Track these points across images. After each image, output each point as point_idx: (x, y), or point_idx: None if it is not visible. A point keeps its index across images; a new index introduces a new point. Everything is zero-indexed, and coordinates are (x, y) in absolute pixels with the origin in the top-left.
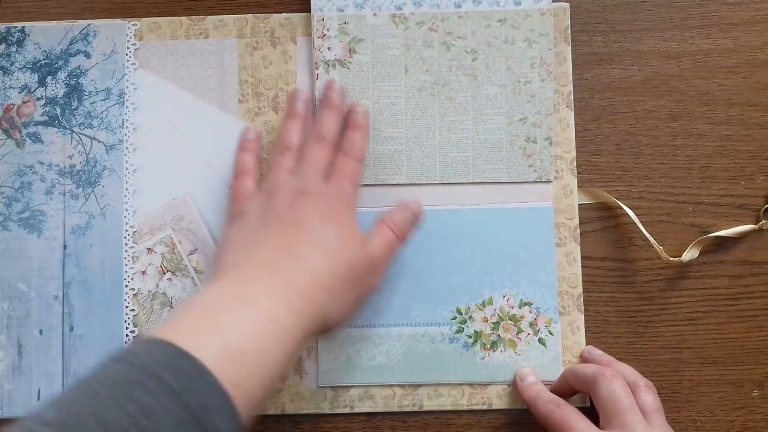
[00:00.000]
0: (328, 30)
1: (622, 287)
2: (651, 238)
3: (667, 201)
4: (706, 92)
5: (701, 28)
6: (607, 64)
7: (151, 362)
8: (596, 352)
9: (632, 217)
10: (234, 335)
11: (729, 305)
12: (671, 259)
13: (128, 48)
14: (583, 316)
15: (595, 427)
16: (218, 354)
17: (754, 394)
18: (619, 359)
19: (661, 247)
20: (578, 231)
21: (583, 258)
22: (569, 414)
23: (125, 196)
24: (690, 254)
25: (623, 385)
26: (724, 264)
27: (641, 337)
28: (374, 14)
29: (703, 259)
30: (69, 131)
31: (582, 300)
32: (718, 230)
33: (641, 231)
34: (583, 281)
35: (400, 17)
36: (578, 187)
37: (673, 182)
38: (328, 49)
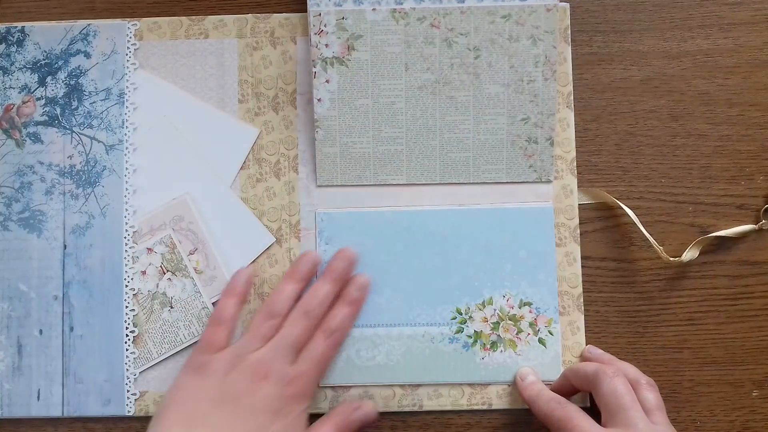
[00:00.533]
0: (325, 26)
1: (622, 287)
2: (651, 238)
3: (667, 201)
4: (706, 92)
5: (701, 28)
6: (607, 64)
7: None
8: (597, 351)
9: (632, 217)
10: None
11: (729, 305)
12: (671, 259)
13: (128, 48)
14: (583, 316)
15: (598, 424)
16: None
17: (754, 394)
18: (620, 359)
19: (661, 247)
20: (578, 231)
21: (583, 258)
22: (571, 411)
23: (125, 196)
24: (690, 254)
25: (625, 382)
26: (724, 264)
27: (641, 337)
28: (373, 9)
29: (703, 259)
30: (69, 131)
31: (582, 300)
32: (718, 230)
33: (641, 231)
34: (583, 281)
35: (400, 12)
36: (578, 187)
37: (673, 182)
38: (326, 46)
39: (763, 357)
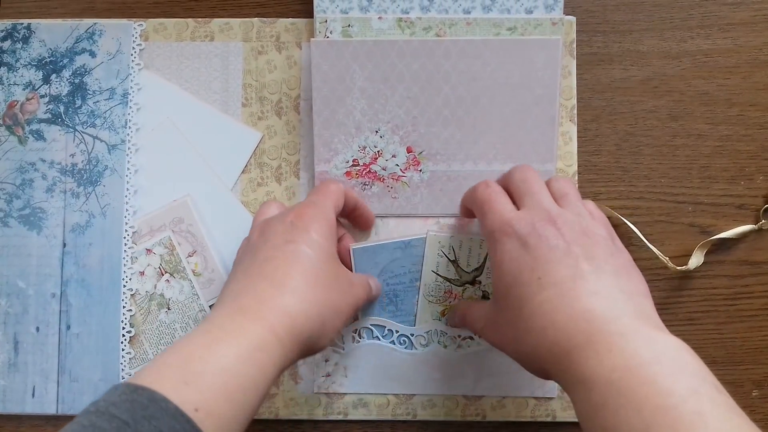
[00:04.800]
0: (331, 33)
1: None
2: (656, 251)
3: (667, 201)
4: (706, 92)
5: (701, 28)
6: (607, 64)
7: (103, 404)
8: None
9: (635, 231)
10: (195, 361)
11: (729, 305)
12: (678, 268)
13: (133, 48)
14: None
15: (513, 206)
16: (177, 381)
17: (754, 394)
18: None
19: (667, 258)
20: None
21: None
22: (493, 192)
23: (126, 196)
24: (695, 260)
25: (533, 174)
26: (724, 264)
27: None
28: (379, 17)
29: (703, 260)
30: (72, 130)
31: None
32: (717, 230)
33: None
34: None
35: (406, 21)
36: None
37: (673, 182)
38: None
39: (763, 357)
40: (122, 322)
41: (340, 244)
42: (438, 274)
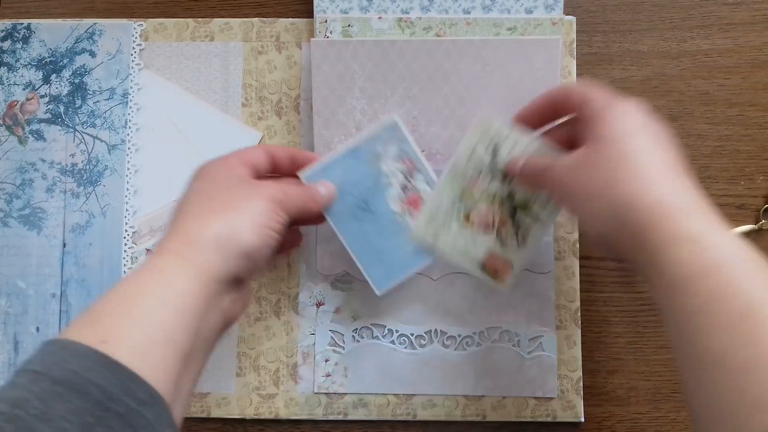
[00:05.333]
0: (331, 32)
1: (622, 287)
2: None
3: None
4: (706, 92)
5: (701, 28)
6: (607, 64)
7: (22, 363)
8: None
9: None
10: (98, 302)
11: None
12: None
13: (133, 48)
14: (579, 330)
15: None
16: (83, 324)
17: None
18: (620, 359)
19: None
20: (578, 245)
21: (583, 258)
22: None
23: (126, 196)
24: None
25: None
26: None
27: (641, 337)
28: (379, 17)
29: None
30: (72, 130)
31: (579, 314)
32: None
33: None
34: (582, 281)
35: (406, 21)
36: None
37: None
38: None
39: None
40: None
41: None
42: (472, 157)
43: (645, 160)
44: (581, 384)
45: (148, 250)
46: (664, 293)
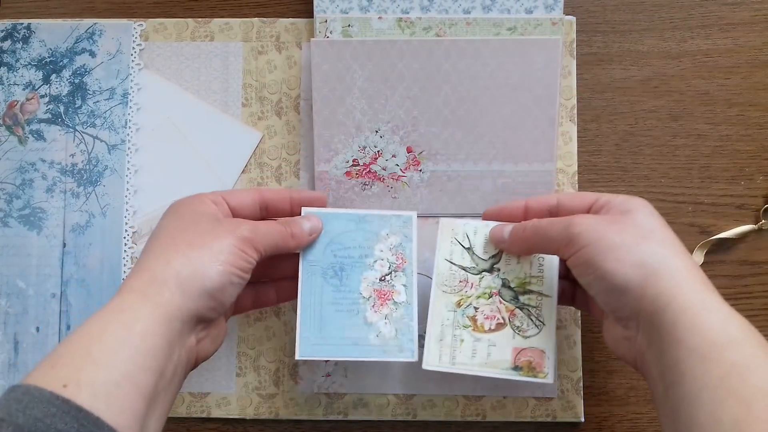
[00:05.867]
0: (331, 32)
1: None
2: None
3: (667, 201)
4: (706, 92)
5: (701, 28)
6: (607, 64)
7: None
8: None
9: None
10: (61, 345)
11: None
12: None
13: (133, 48)
14: (579, 330)
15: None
16: (46, 368)
17: None
18: (619, 360)
19: None
20: None
21: None
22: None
23: (126, 196)
24: (696, 260)
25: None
26: (724, 264)
27: None
28: (379, 17)
29: (703, 259)
30: (72, 130)
31: (579, 314)
32: (717, 230)
33: None
34: None
35: (406, 21)
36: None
37: (673, 182)
38: None
39: None
40: None
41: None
42: (452, 263)
43: (669, 239)
44: (581, 384)
45: None
46: (681, 358)
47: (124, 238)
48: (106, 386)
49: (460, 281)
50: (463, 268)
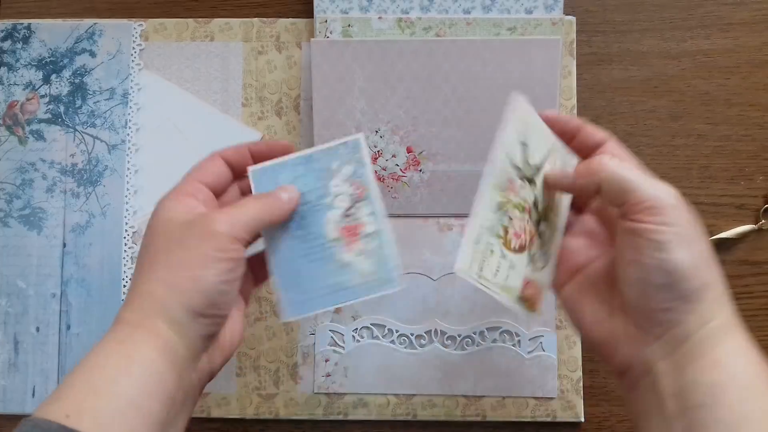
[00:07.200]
0: (331, 33)
1: None
2: None
3: None
4: (706, 92)
5: (701, 28)
6: (607, 64)
7: None
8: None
9: None
10: (67, 377)
11: None
12: None
13: (134, 48)
14: None
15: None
16: (51, 400)
17: None
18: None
19: None
20: None
21: None
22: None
23: (126, 196)
24: None
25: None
26: (724, 264)
27: None
28: (379, 17)
29: None
30: (72, 130)
31: None
32: (717, 230)
33: None
34: None
35: (406, 21)
36: None
37: (673, 182)
38: None
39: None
40: None
41: None
42: (508, 155)
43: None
44: (581, 384)
45: None
46: (721, 382)
47: (124, 238)
48: (108, 414)
49: (509, 180)
50: (516, 167)
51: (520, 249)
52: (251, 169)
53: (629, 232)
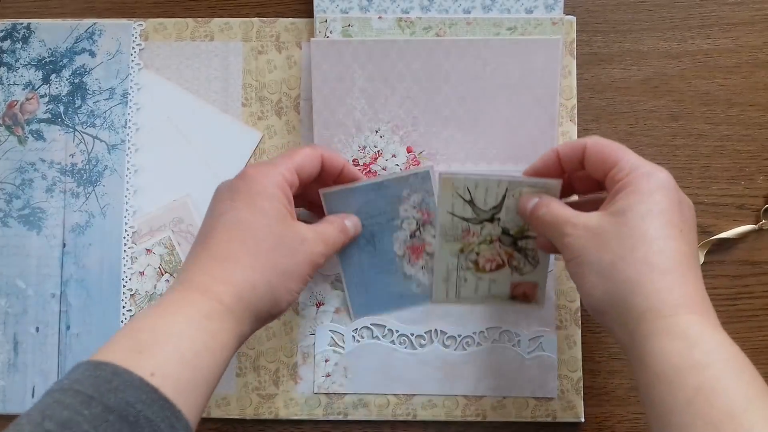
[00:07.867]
0: (331, 32)
1: None
2: None
3: None
4: (706, 92)
5: (701, 28)
6: (607, 64)
7: (67, 382)
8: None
9: None
10: (146, 331)
11: (729, 305)
12: None
13: (133, 48)
14: (579, 330)
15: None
16: (131, 351)
17: None
18: (620, 359)
19: None
20: None
21: None
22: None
23: (126, 196)
24: None
25: None
26: (724, 264)
27: None
28: (379, 17)
29: (704, 259)
30: (71, 130)
31: (579, 314)
32: (718, 230)
33: None
34: None
35: (406, 21)
36: None
37: None
38: None
39: (763, 357)
40: (122, 322)
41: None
42: (454, 215)
43: (657, 248)
44: (581, 384)
45: (148, 250)
46: (649, 383)
47: (124, 238)
48: (187, 384)
49: (463, 231)
50: (465, 219)
51: (497, 268)
52: (323, 192)
53: None
